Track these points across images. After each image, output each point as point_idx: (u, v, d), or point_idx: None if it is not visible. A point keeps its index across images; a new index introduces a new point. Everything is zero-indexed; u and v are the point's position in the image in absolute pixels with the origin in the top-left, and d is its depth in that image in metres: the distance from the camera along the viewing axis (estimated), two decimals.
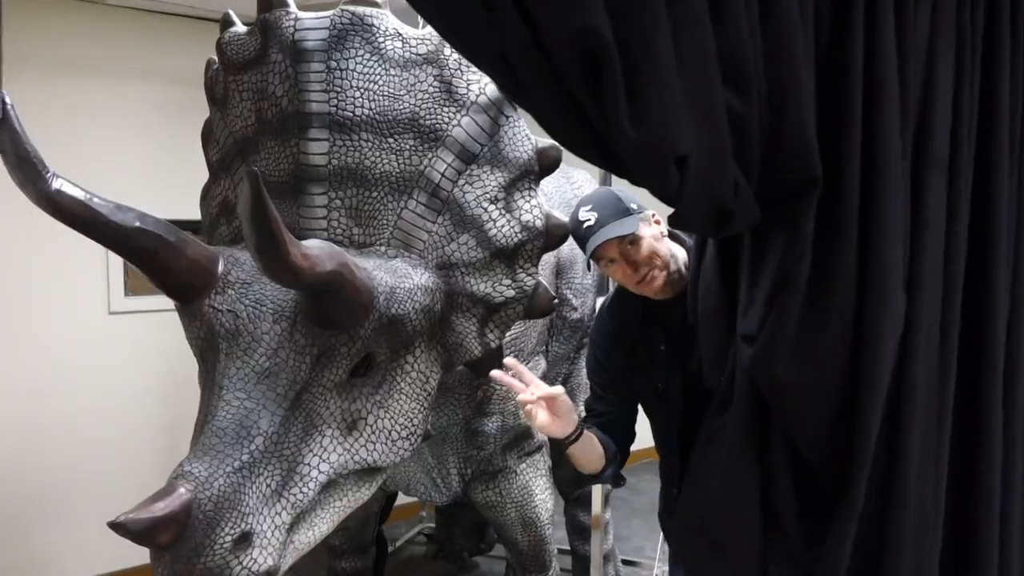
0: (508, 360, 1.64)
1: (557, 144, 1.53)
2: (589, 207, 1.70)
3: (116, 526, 1.22)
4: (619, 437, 1.84)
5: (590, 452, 1.73)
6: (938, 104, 1.15)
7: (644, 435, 1.93)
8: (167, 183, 3.55)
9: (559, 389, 1.60)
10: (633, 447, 1.90)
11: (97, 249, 3.40)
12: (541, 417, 1.59)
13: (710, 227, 1.12)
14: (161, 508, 1.26)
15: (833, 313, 1.12)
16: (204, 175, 2.03)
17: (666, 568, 3.42)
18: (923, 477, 1.19)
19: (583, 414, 1.89)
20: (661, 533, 2.16)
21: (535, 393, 1.57)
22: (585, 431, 1.69)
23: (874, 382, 1.12)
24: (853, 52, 1.07)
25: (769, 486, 1.25)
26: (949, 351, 1.22)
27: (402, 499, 3.91)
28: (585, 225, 1.69)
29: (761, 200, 1.08)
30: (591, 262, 1.75)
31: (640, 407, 1.90)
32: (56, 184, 1.30)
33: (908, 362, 1.16)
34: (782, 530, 1.24)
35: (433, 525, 3.97)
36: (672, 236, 1.77)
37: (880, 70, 1.08)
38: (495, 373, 1.62)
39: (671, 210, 1.09)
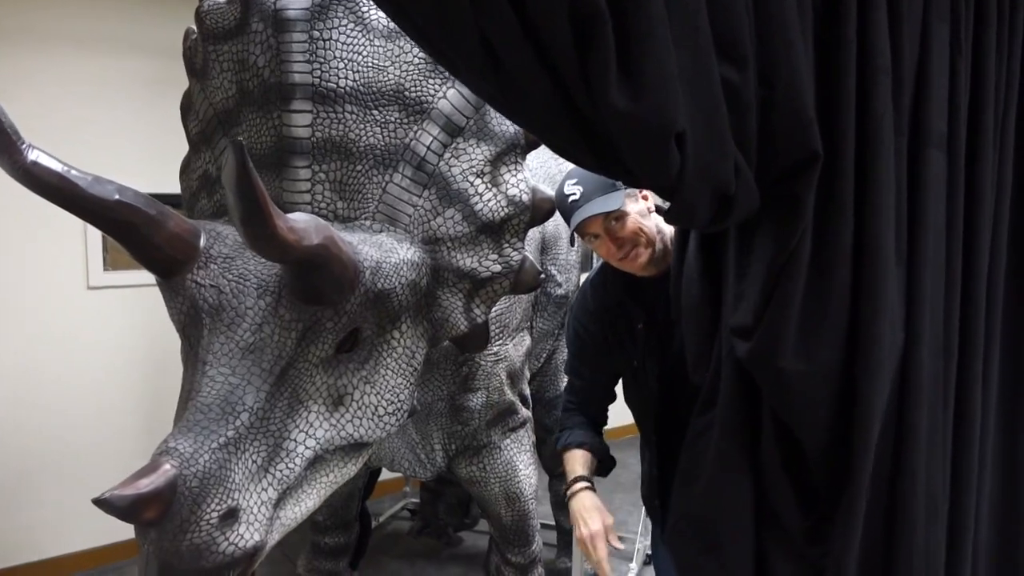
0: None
1: None
2: (575, 181, 1.69)
3: (101, 503, 1.20)
4: (597, 404, 1.92)
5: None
6: (934, 79, 1.13)
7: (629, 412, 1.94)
8: (147, 156, 3.50)
9: (602, 523, 1.74)
10: (618, 423, 1.94)
11: (75, 224, 3.33)
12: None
13: (710, 217, 1.07)
14: (146, 484, 1.24)
15: (833, 295, 1.09)
16: (184, 148, 1.99)
17: (648, 542, 3.47)
18: (931, 459, 1.16)
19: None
20: (643, 509, 2.20)
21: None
22: (585, 479, 1.83)
23: (873, 362, 1.09)
24: (846, 25, 1.05)
25: (763, 484, 1.21)
26: (951, 329, 1.20)
27: (386, 474, 3.93)
28: (570, 199, 1.68)
29: (760, 182, 1.05)
30: (575, 236, 1.74)
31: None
32: (32, 155, 1.26)
33: (913, 342, 1.13)
34: (783, 528, 1.20)
35: (417, 500, 3.98)
36: (660, 211, 1.76)
37: (873, 43, 1.06)
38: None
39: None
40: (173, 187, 2.11)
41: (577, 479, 1.80)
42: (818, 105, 1.05)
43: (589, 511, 1.74)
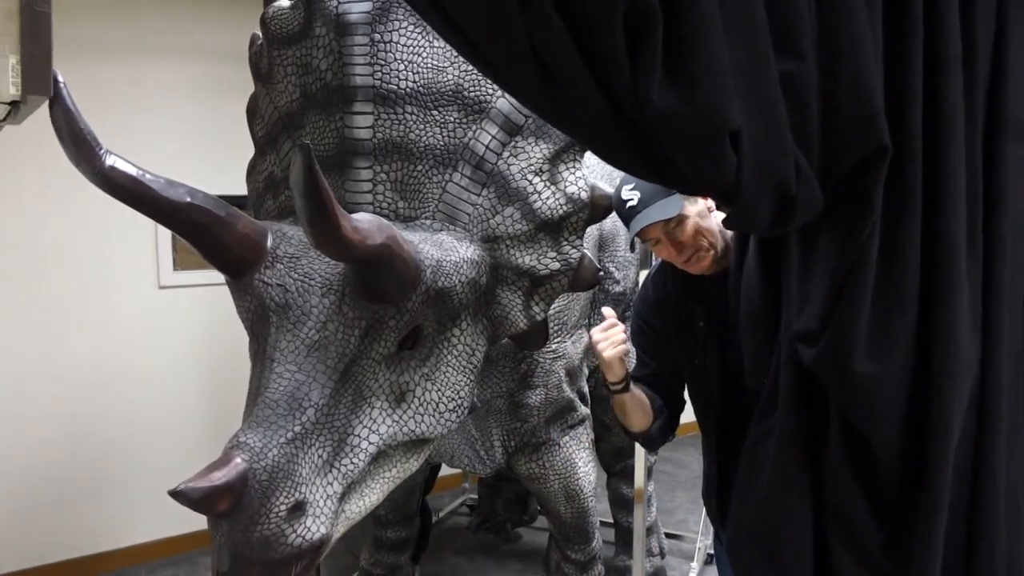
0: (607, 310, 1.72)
1: None
2: (632, 186, 1.67)
3: (176, 494, 1.25)
4: (666, 404, 1.86)
5: (637, 405, 1.77)
6: (1011, 67, 1.08)
7: (689, 409, 1.92)
8: (214, 159, 3.61)
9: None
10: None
11: (147, 225, 3.48)
12: (612, 353, 1.67)
13: (771, 221, 1.03)
14: (219, 477, 1.28)
15: (905, 294, 1.05)
16: (250, 151, 2.05)
17: (709, 542, 3.43)
18: (1013, 460, 1.12)
19: None
20: (704, 508, 2.17)
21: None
22: (632, 386, 1.74)
23: (951, 362, 1.05)
24: (913, 11, 1.01)
25: (829, 493, 1.16)
26: None
27: (445, 470, 3.97)
28: (628, 205, 1.66)
29: (825, 180, 1.01)
30: (635, 242, 1.72)
31: None
32: (109, 161, 1.32)
33: (991, 340, 1.09)
34: (855, 536, 1.15)
35: (476, 496, 4.01)
36: (720, 209, 1.74)
37: (942, 30, 1.02)
38: (606, 310, 1.72)
39: None
40: (238, 189, 2.17)
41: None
42: (885, 96, 1.01)
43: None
